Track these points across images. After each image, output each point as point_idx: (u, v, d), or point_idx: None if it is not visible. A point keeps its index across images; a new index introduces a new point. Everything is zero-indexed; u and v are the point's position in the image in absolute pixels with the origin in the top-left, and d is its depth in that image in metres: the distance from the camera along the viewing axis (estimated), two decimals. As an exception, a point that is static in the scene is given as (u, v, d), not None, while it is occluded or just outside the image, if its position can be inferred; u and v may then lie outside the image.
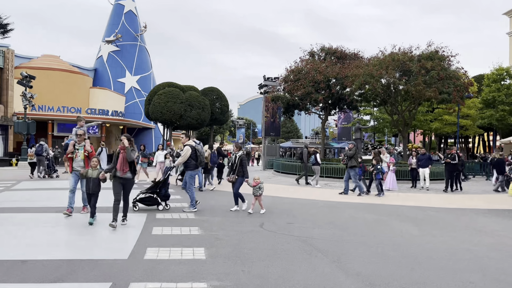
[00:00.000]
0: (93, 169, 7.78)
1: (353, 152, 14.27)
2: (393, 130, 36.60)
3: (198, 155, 10.12)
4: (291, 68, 27.92)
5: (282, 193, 13.97)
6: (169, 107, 36.82)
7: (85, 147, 8.57)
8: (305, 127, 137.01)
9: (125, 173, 7.47)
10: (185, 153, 9.92)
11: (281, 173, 22.49)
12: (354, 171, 14.19)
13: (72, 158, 8.59)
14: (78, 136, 8.69)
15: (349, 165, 14.25)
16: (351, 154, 14.26)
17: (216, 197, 12.66)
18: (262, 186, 9.83)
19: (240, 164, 9.77)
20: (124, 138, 7.53)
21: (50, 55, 43.11)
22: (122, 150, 7.47)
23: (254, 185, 9.73)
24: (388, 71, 23.33)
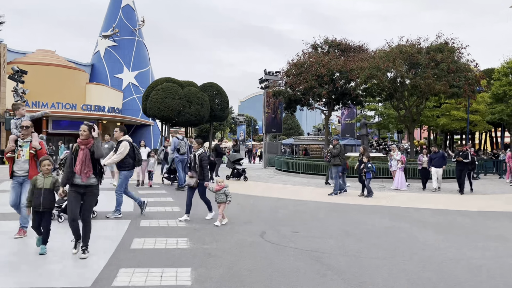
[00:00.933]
0: (44, 176, 5.58)
1: (337, 151, 13.14)
2: (399, 126, 35.40)
3: (136, 153, 8.56)
4: (293, 61, 26.76)
5: (285, 194, 12.82)
6: (167, 103, 35.62)
7: (32, 144, 6.27)
8: (306, 124, 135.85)
9: (88, 178, 5.31)
10: (123, 150, 8.21)
11: (283, 171, 21.34)
12: (337, 169, 13.09)
13: (13, 159, 6.22)
14: (22, 129, 6.33)
15: (333, 163, 13.24)
16: (336, 153, 13.15)
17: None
18: (228, 191, 7.88)
19: (200, 166, 8.05)
20: (84, 127, 5.50)
21: (45, 50, 41.92)
22: (82, 145, 5.35)
23: (218, 189, 7.83)
24: (396, 64, 22.14)
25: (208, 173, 8.18)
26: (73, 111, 36.07)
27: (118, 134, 8.53)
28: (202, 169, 8.04)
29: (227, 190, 7.84)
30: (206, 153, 8.31)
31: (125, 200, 8.51)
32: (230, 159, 16.94)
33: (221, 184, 7.90)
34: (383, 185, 16.67)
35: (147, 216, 8.33)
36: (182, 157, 13.41)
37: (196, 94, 37.58)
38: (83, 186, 5.35)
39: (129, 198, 8.55)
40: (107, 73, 49.52)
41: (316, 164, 18.93)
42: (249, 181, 16.85)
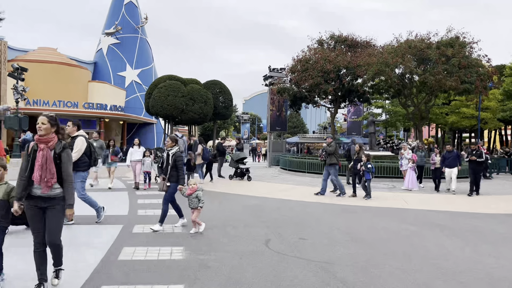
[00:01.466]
0: None
1: (333, 149, 12.34)
2: (407, 123, 34.59)
3: (92, 150, 7.50)
4: (298, 57, 26.03)
5: (290, 195, 12.16)
6: (170, 101, 35.06)
7: None
8: (311, 122, 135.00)
9: (50, 189, 3.98)
10: (80, 147, 7.14)
11: (288, 170, 20.66)
12: (334, 169, 12.30)
13: None
14: None
15: (329, 162, 12.37)
16: (331, 151, 12.32)
17: (208, 200, 10.87)
18: (200, 194, 6.87)
19: (174, 166, 7.01)
20: (43, 118, 4.19)
21: (46, 48, 41.46)
22: (41, 144, 4.03)
23: (190, 193, 6.84)
24: (405, 59, 21.37)
25: (183, 175, 7.13)
26: (75, 109, 35.58)
27: (71, 128, 7.37)
28: (177, 170, 7.00)
29: (199, 193, 6.86)
30: (181, 152, 7.35)
31: (120, 202, 7.90)
32: (233, 158, 16.31)
33: (193, 187, 6.86)
34: (393, 185, 15.98)
35: (142, 220, 7.70)
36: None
37: (200, 92, 36.99)
38: (44, 199, 3.99)
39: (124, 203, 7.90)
40: (110, 71, 49.00)
41: (323, 164, 18.22)
42: (253, 181, 16.21)
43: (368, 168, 11.60)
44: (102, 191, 11.89)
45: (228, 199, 11.15)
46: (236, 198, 11.38)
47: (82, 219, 7.46)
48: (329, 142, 12.76)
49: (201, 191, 6.91)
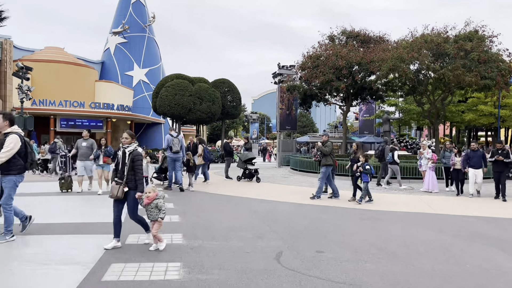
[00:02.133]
0: None
1: (329, 149, 11.13)
2: (421, 122, 33.43)
3: (29, 151, 6.17)
4: (308, 54, 25.10)
5: (303, 198, 11.26)
6: (177, 100, 34.39)
7: None
8: (320, 121, 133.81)
9: None
10: (13, 146, 5.84)
11: (298, 171, 19.76)
12: (326, 170, 11.12)
13: None
14: None
15: (324, 163, 11.17)
16: (326, 152, 11.12)
17: (212, 205, 10.02)
18: (161, 203, 5.68)
19: (132, 168, 5.71)
20: None
21: (53, 47, 41.05)
22: None
23: (147, 203, 5.63)
24: (421, 54, 20.34)
25: (142, 180, 5.81)
26: (81, 109, 35.06)
27: (2, 123, 6.01)
28: (134, 172, 5.70)
29: (160, 202, 5.66)
30: (139, 151, 5.96)
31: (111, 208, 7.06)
32: (241, 159, 15.45)
33: (149, 196, 5.62)
34: (411, 186, 14.99)
35: (136, 230, 6.86)
36: (175, 156, 12.72)
37: (207, 91, 36.25)
38: None
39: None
40: (118, 70, 48.52)
41: (340, 164, 17.28)
42: (262, 183, 15.35)
43: (366, 170, 10.48)
44: (91, 195, 11.15)
45: (234, 203, 10.31)
46: (244, 202, 10.53)
47: (65, 228, 6.67)
48: (325, 140, 11.47)
49: (162, 199, 5.74)
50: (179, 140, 12.91)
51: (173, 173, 12.90)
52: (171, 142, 12.77)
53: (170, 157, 12.79)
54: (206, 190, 12.91)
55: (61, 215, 8.12)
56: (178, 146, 12.73)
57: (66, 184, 11.75)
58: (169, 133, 13.17)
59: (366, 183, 10.53)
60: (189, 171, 13.26)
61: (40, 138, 35.12)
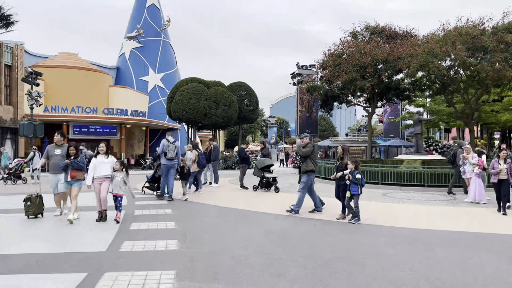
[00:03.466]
0: None
1: (309, 150, 9.21)
2: (451, 123, 31.17)
3: None
4: (330, 51, 23.38)
5: (329, 214, 9.54)
6: (192, 105, 33.08)
7: None
8: (340, 125, 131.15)
9: None
10: None
11: (321, 178, 18.00)
12: (308, 178, 9.34)
13: None
14: None
15: (304, 169, 9.29)
16: (306, 153, 9.17)
17: (220, 221, 8.43)
18: None
19: None
20: None
21: (67, 53, 40.36)
22: None
23: None
24: (456, 48, 18.39)
25: None
26: (94, 115, 34.07)
27: None
28: None
29: None
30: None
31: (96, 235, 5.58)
32: (257, 166, 13.83)
33: None
34: (452, 196, 13.07)
35: (131, 235, 5.33)
36: (170, 163, 11.66)
37: (223, 94, 34.84)
38: None
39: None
40: (133, 75, 47.67)
41: (368, 171, 15.48)
42: (282, 193, 13.68)
43: (357, 179, 8.40)
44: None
45: (246, 220, 8.69)
46: (258, 218, 8.91)
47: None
48: (305, 143, 9.54)
49: None
50: (176, 147, 11.91)
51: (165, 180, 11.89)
52: (167, 148, 11.71)
53: (165, 165, 11.71)
54: (216, 203, 11.32)
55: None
56: (174, 153, 11.67)
57: (34, 207, 8.65)
58: (166, 138, 12.14)
59: (357, 196, 8.38)
60: (183, 178, 12.29)
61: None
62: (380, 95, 24.62)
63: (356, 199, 8.39)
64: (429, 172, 14.39)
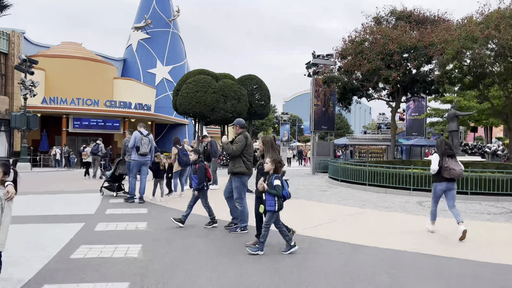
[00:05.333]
0: None
1: (239, 147, 6.77)
2: (484, 121, 28.33)
3: None
4: (350, 38, 20.85)
5: (372, 231, 7.13)
6: (199, 98, 30.86)
7: None
8: (354, 123, 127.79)
9: None
10: None
11: (340, 181, 15.54)
12: (241, 182, 6.88)
13: None
14: None
15: (232, 169, 6.90)
16: (235, 152, 6.75)
17: (201, 249, 6.11)
18: None
19: None
20: None
21: (70, 42, 38.55)
22: None
23: None
24: (502, 30, 15.74)
25: None
26: (95, 108, 32.08)
27: None
28: None
29: None
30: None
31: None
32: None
33: None
34: (506, 207, 10.51)
35: None
36: (142, 159, 10.03)
37: (233, 88, 32.52)
38: None
39: None
40: (140, 68, 45.74)
41: (397, 173, 12.98)
42: (295, 199, 11.27)
43: (275, 188, 5.54)
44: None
45: (244, 244, 6.30)
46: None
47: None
48: (238, 132, 6.96)
49: None
50: (150, 140, 10.03)
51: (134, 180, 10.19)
52: (139, 142, 9.82)
53: (136, 161, 9.95)
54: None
55: None
56: (148, 147, 9.91)
57: None
58: (138, 130, 10.09)
59: (272, 214, 5.53)
60: (157, 177, 10.54)
61: (54, 140, 32.47)
62: (405, 89, 22.02)
63: (270, 217, 5.53)
64: (473, 176, 11.84)
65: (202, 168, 7.15)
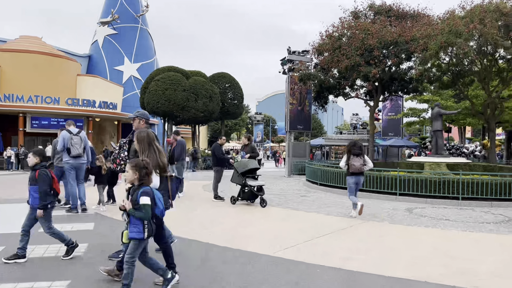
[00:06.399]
0: None
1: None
2: (461, 121, 27.79)
3: None
4: (328, 32, 19.74)
5: (359, 251, 5.87)
6: (168, 96, 29.15)
7: None
8: (328, 124, 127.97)
9: None
10: None
11: (319, 185, 14.32)
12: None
13: None
14: None
15: None
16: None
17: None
18: None
19: None
20: None
21: (29, 36, 35.95)
22: None
23: None
24: (487, 25, 14.93)
25: None
26: (55, 106, 29.84)
27: None
28: None
29: None
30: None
31: None
32: (237, 170, 10.04)
33: None
34: (504, 215, 9.49)
35: None
36: (76, 162, 8.67)
37: (204, 86, 30.95)
38: None
39: None
40: (106, 65, 43.48)
41: (382, 177, 11.81)
42: (270, 207, 9.95)
43: (140, 207, 3.81)
44: None
45: (211, 271, 4.90)
46: (232, 263, 5.16)
47: None
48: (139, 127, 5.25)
49: None
50: (82, 139, 8.65)
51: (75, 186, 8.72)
52: (69, 142, 8.45)
53: (70, 164, 8.59)
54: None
55: None
56: (81, 148, 8.55)
57: None
58: (66, 129, 8.70)
59: (136, 243, 3.87)
60: (99, 182, 9.18)
61: (10, 141, 30.01)
62: (383, 87, 21.09)
63: (134, 249, 3.84)
64: (466, 180, 10.81)
65: (43, 177, 5.06)
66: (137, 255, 3.87)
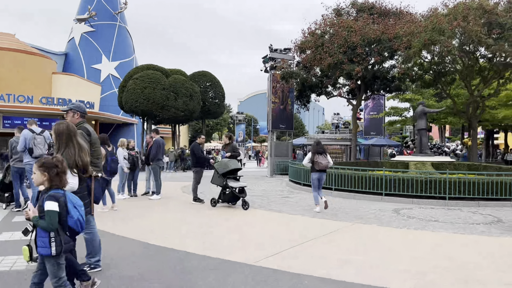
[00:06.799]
0: None
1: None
2: (442, 120, 27.87)
3: None
4: (310, 30, 19.40)
5: (351, 260, 5.44)
6: (146, 95, 28.37)
7: None
8: (309, 123, 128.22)
9: None
10: None
11: (302, 185, 13.93)
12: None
13: None
14: None
15: None
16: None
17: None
18: None
19: None
20: None
21: (1, 33, 34.58)
22: None
23: None
24: (470, 22, 14.80)
25: None
26: (29, 105, 28.71)
27: None
28: None
29: None
30: None
31: None
32: (217, 171, 9.53)
33: None
34: (492, 214, 9.24)
35: None
36: None
37: (184, 84, 30.28)
38: None
39: None
40: (83, 63, 42.25)
41: (367, 176, 11.46)
42: (252, 209, 9.48)
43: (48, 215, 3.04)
44: None
45: (188, 278, 4.39)
46: (210, 274, 4.66)
47: None
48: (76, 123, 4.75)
49: None
50: (45, 139, 8.00)
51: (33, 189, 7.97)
52: (31, 142, 7.78)
53: (31, 165, 7.59)
54: (142, 234, 6.88)
55: None
56: (44, 148, 7.90)
57: None
58: (28, 128, 8.05)
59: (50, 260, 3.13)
60: None
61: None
62: (366, 86, 20.90)
63: (52, 268, 3.14)
64: (453, 179, 10.55)
65: None
66: (61, 274, 3.15)
